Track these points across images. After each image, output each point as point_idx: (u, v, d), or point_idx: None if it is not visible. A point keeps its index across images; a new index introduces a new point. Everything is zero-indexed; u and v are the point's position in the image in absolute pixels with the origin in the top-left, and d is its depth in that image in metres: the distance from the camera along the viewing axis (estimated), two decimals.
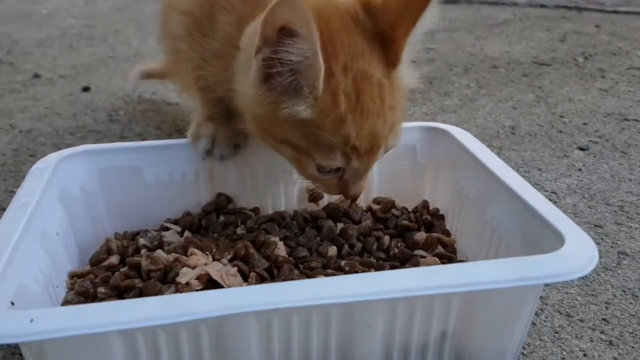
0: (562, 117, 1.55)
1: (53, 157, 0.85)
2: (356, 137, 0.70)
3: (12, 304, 0.60)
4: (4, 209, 1.08)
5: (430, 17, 0.70)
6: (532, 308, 0.67)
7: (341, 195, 0.84)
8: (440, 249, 0.84)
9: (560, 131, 1.46)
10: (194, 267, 0.73)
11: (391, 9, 0.71)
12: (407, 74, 0.76)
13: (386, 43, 0.72)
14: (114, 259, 0.80)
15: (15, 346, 0.77)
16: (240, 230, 0.87)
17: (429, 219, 0.91)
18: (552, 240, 0.65)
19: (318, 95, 0.68)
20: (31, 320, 0.52)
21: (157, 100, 1.64)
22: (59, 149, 0.89)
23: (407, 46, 0.72)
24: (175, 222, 0.91)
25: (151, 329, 0.57)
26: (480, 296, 0.63)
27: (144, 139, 1.38)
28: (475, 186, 0.84)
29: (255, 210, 0.95)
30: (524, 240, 0.72)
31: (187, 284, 0.71)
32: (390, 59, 0.72)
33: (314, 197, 0.95)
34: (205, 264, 0.75)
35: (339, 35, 0.70)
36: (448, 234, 0.90)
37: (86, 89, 1.71)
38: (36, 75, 1.83)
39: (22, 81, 1.78)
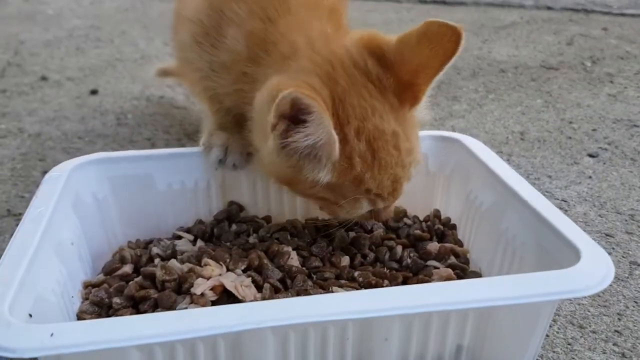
0: (571, 122, 1.55)
1: (66, 165, 0.85)
2: (377, 188, 0.73)
3: (30, 316, 0.60)
4: (15, 215, 1.10)
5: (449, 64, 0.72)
6: (547, 322, 0.67)
7: None
8: (453, 259, 0.84)
9: (570, 137, 1.46)
10: (208, 278, 0.73)
11: (410, 59, 0.71)
12: (422, 109, 0.77)
13: (404, 86, 0.73)
14: (127, 268, 0.80)
15: None
16: (252, 239, 0.87)
17: (441, 228, 0.91)
18: (568, 254, 0.65)
19: (335, 161, 0.70)
20: (51, 335, 0.53)
21: (165, 104, 1.65)
22: (68, 153, 0.90)
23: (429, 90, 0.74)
24: (188, 231, 0.91)
25: (170, 344, 0.57)
26: (497, 311, 0.63)
27: (152, 143, 1.39)
28: (489, 197, 0.83)
29: (267, 218, 0.95)
30: (539, 254, 0.72)
31: (202, 294, 0.71)
32: (409, 100, 0.73)
33: None
34: (220, 275, 0.75)
35: (348, 98, 0.71)
36: (460, 244, 0.90)
37: (94, 92, 1.71)
38: (44, 78, 1.83)
39: (29, 83, 1.78)
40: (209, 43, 0.83)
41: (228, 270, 0.77)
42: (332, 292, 0.74)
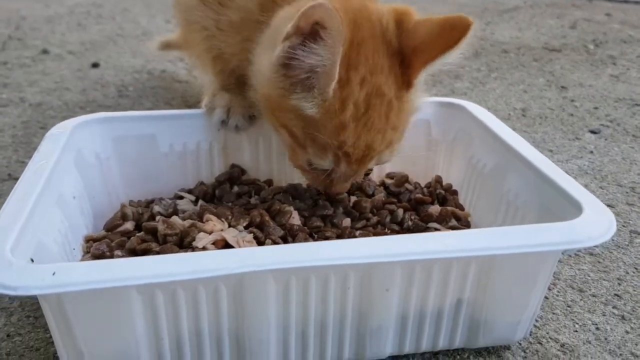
0: (572, 101, 1.54)
1: (69, 123, 0.85)
2: (351, 145, 0.71)
3: (32, 260, 0.60)
4: (16, 179, 1.09)
5: (453, 57, 0.71)
6: (547, 277, 0.67)
7: None
8: (454, 222, 0.84)
9: (572, 115, 1.45)
10: (210, 233, 0.73)
11: (418, 35, 0.71)
12: (418, 97, 0.76)
13: (405, 65, 0.72)
14: (129, 225, 0.80)
15: (30, 309, 0.77)
16: (254, 201, 0.87)
17: (442, 193, 0.91)
18: (570, 209, 0.65)
19: (326, 99, 0.69)
20: (53, 273, 0.53)
21: (166, 78, 1.64)
22: None
23: (422, 75, 0.72)
24: (189, 192, 0.91)
25: (170, 286, 0.57)
26: (498, 263, 0.62)
27: None
28: (492, 159, 0.83)
29: (269, 182, 0.95)
30: (541, 211, 0.72)
31: (204, 248, 0.71)
32: (405, 82, 0.72)
33: None
34: (221, 230, 0.75)
35: (365, 47, 0.70)
36: (462, 208, 0.90)
37: (95, 65, 1.70)
38: (45, 51, 1.82)
39: (31, 56, 1.78)
40: (216, 1, 0.83)
41: (230, 226, 0.77)
42: None
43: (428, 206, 0.87)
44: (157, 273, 0.54)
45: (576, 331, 0.75)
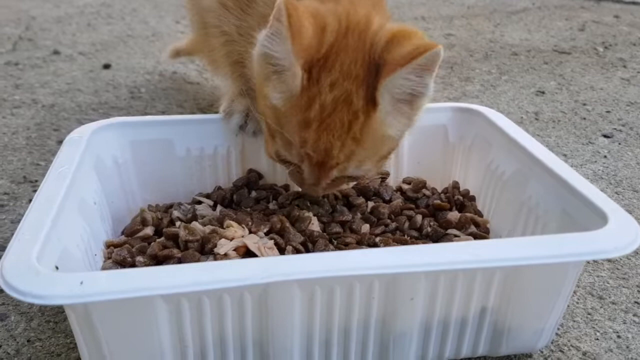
0: (584, 104, 1.54)
1: (87, 128, 0.85)
2: (311, 146, 0.71)
3: (57, 268, 0.60)
4: (31, 182, 1.10)
5: (421, 83, 0.69)
6: (572, 286, 0.67)
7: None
8: (473, 228, 0.84)
9: (584, 118, 1.45)
10: (231, 239, 0.73)
11: (393, 54, 0.69)
12: (392, 125, 0.72)
13: (375, 81, 0.70)
14: (149, 230, 0.80)
15: (50, 314, 0.77)
16: (272, 206, 0.87)
17: (460, 199, 0.91)
18: (595, 218, 0.65)
19: (294, 94, 0.69)
20: (81, 283, 0.53)
21: (178, 79, 1.64)
22: (83, 124, 0.89)
23: (384, 93, 0.69)
24: (207, 196, 0.91)
25: (196, 295, 0.57)
26: (523, 272, 0.62)
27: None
28: (511, 166, 0.83)
29: (285, 187, 0.95)
30: (563, 219, 0.72)
31: (226, 255, 0.71)
32: (372, 98, 0.70)
33: None
34: (242, 236, 0.75)
35: (345, 54, 0.70)
36: (480, 214, 0.90)
37: (107, 66, 1.70)
38: (56, 52, 1.82)
39: (42, 57, 1.78)
40: (238, 7, 0.83)
41: (250, 232, 0.77)
42: None
43: (446, 212, 0.87)
44: (184, 282, 0.54)
45: (597, 339, 0.75)
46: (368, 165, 0.75)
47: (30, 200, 1.02)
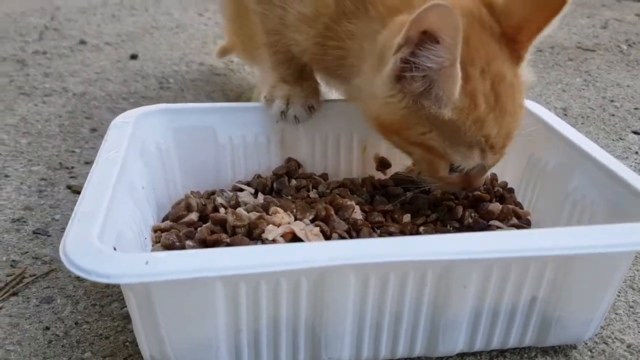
0: (612, 101, 1.54)
1: (132, 113, 0.85)
2: (496, 136, 0.72)
3: (115, 249, 0.61)
4: (67, 168, 1.11)
5: (551, 29, 0.72)
6: (621, 277, 0.67)
7: (410, 165, 0.89)
8: (514, 220, 0.84)
9: (613, 115, 1.45)
10: (278, 225, 0.74)
11: (516, 12, 0.72)
12: (525, 72, 0.77)
13: (510, 43, 0.73)
14: (193, 216, 0.80)
15: (95, 298, 0.78)
16: (313, 194, 0.88)
17: (500, 191, 0.91)
18: None
19: (455, 100, 0.69)
20: (146, 262, 0.53)
21: (204, 71, 1.65)
22: (114, 112, 0.90)
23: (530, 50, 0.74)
24: (247, 184, 0.91)
25: (254, 278, 0.57)
26: (575, 262, 0.63)
27: None
28: (554, 157, 0.83)
29: (324, 176, 0.95)
30: (611, 210, 0.72)
31: (274, 241, 0.72)
32: (514, 59, 0.73)
33: (382, 165, 0.95)
34: (289, 223, 0.75)
35: (472, 39, 0.70)
36: (520, 206, 0.90)
37: (134, 57, 1.71)
38: (82, 42, 1.83)
39: (69, 47, 1.79)
40: None
41: (296, 219, 0.77)
42: None
43: (487, 204, 0.87)
44: (248, 264, 0.54)
45: None
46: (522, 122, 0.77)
47: (67, 187, 1.04)
